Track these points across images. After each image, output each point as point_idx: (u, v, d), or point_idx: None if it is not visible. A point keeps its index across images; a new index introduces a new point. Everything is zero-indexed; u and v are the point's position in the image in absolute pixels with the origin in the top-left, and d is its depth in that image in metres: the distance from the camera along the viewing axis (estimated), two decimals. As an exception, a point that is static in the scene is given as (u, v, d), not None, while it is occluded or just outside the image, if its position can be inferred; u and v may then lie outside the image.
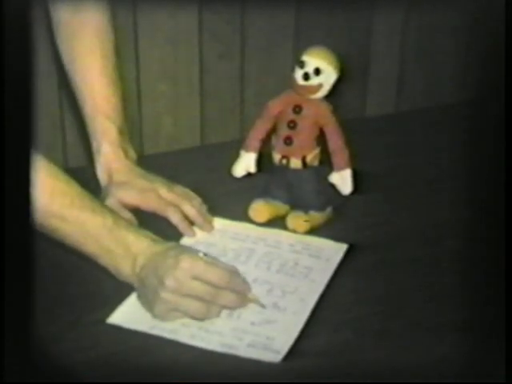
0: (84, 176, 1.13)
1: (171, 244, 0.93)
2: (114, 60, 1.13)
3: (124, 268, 0.91)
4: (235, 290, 0.90)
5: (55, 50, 1.16)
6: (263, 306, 0.90)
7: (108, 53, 1.13)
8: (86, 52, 1.12)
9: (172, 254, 0.89)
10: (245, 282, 0.91)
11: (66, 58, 1.14)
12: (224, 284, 0.88)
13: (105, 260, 0.92)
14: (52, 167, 0.92)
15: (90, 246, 0.91)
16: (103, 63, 1.12)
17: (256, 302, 0.90)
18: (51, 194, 0.90)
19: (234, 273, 0.91)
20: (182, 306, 0.88)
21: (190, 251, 0.91)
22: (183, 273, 0.87)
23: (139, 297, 0.91)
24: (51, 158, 0.94)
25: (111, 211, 0.95)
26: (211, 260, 0.90)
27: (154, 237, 0.93)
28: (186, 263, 0.88)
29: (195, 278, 0.88)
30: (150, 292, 0.89)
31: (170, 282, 0.87)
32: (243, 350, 0.85)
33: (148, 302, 0.89)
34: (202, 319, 0.88)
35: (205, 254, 0.91)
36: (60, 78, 1.54)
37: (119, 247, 0.91)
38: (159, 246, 0.91)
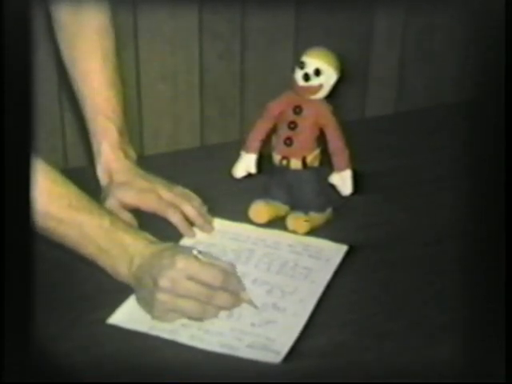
0: (84, 176, 1.13)
1: (167, 245, 0.93)
2: (114, 60, 1.14)
3: (121, 268, 0.91)
4: (229, 291, 0.90)
5: (55, 50, 1.16)
6: (256, 307, 0.90)
7: (108, 53, 1.13)
8: (87, 52, 1.12)
9: (167, 254, 0.89)
10: (239, 281, 0.91)
11: (66, 58, 1.14)
12: (218, 284, 0.88)
13: (102, 261, 0.92)
14: (49, 170, 0.92)
15: (87, 247, 0.92)
16: (104, 64, 1.12)
17: (249, 302, 0.90)
18: (49, 197, 0.90)
19: (228, 273, 0.91)
20: (178, 307, 0.88)
21: (186, 251, 0.91)
22: (178, 273, 0.87)
23: (137, 298, 0.91)
24: (51, 158, 0.94)
25: (109, 212, 0.96)
26: (207, 259, 0.91)
27: (150, 238, 0.93)
28: (180, 264, 0.88)
29: (190, 278, 0.88)
30: (146, 293, 0.89)
31: (164, 282, 0.87)
32: (243, 351, 0.85)
33: (146, 303, 0.89)
34: (199, 319, 0.88)
35: (200, 252, 0.90)
36: (60, 77, 1.54)
37: (116, 248, 0.91)
38: (155, 247, 0.91)
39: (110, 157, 1.10)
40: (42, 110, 1.52)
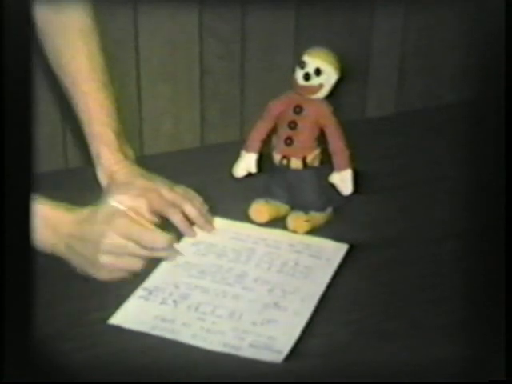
0: (84, 176, 1.13)
1: (92, 208, 0.97)
2: (101, 61, 1.12)
3: (45, 237, 0.93)
4: (165, 246, 0.96)
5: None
6: (175, 253, 0.98)
7: (94, 54, 1.11)
8: (72, 55, 1.11)
9: (101, 218, 0.94)
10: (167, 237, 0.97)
11: (53, 63, 1.13)
12: (156, 244, 0.95)
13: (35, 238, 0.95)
14: None
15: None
16: (91, 65, 1.11)
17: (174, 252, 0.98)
18: None
19: (155, 229, 0.98)
20: (122, 265, 0.93)
21: (117, 212, 0.96)
22: (116, 235, 0.92)
23: (75, 264, 0.94)
24: (51, 158, 0.94)
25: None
26: (136, 216, 0.97)
27: (68, 206, 0.97)
28: (118, 226, 0.93)
29: (128, 238, 0.93)
30: (85, 258, 0.93)
31: (107, 245, 0.91)
32: (245, 350, 0.85)
33: (87, 267, 0.94)
34: (136, 271, 0.94)
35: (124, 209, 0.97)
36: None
37: (38, 219, 0.93)
38: (80, 213, 0.96)
39: (110, 160, 1.10)
40: (42, 111, 1.52)
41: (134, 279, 0.95)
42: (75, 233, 0.94)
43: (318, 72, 1.01)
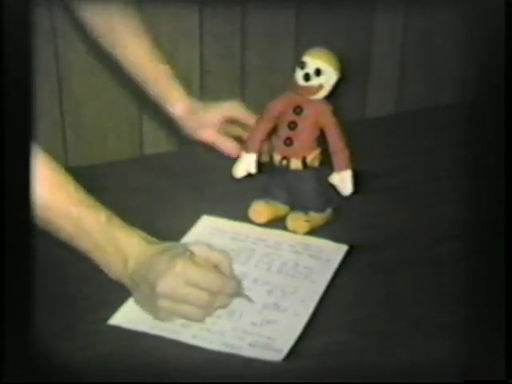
0: (84, 176, 1.13)
1: (163, 246, 0.91)
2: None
3: (114, 267, 0.90)
4: (227, 293, 0.89)
5: (56, 51, 1.16)
6: (252, 302, 0.91)
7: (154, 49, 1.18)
8: (131, 37, 1.16)
9: (164, 259, 0.88)
10: (236, 280, 0.91)
11: (122, 59, 1.18)
12: (217, 289, 0.88)
13: (97, 256, 0.91)
14: (50, 160, 0.91)
15: (83, 241, 0.90)
16: (151, 46, 1.18)
17: (246, 298, 0.91)
18: (48, 186, 0.89)
19: (226, 275, 0.90)
20: (179, 311, 0.88)
21: (183, 254, 0.89)
22: (176, 279, 0.86)
23: (135, 299, 0.91)
24: (51, 157, 0.94)
25: (105, 208, 0.95)
26: (203, 260, 0.90)
27: (146, 237, 0.92)
28: (178, 269, 0.87)
29: (189, 283, 0.87)
30: (144, 296, 0.89)
31: (163, 289, 0.86)
32: (244, 350, 0.85)
33: (145, 306, 0.89)
34: (198, 321, 0.88)
35: (191, 253, 0.89)
36: (60, 77, 1.54)
37: (110, 245, 0.90)
38: (150, 249, 0.90)
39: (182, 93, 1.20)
40: (42, 110, 1.52)
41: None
42: (141, 269, 0.88)
43: (318, 72, 1.01)
